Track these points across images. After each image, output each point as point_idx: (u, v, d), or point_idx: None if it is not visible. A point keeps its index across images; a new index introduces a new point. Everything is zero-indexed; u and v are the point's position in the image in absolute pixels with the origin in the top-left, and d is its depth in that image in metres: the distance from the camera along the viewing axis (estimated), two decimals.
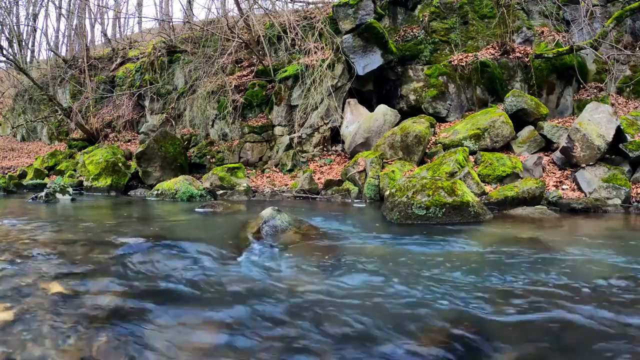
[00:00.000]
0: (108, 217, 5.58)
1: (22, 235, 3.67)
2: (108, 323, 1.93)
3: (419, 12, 9.76)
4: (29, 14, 18.46)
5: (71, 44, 17.53)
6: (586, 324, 1.94)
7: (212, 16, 15.36)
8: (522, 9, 9.33)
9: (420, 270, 2.74)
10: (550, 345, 1.78)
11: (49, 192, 6.81)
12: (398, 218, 4.54)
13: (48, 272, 2.59)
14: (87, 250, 3.13)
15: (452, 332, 1.86)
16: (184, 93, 11.35)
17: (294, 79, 9.22)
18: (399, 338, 1.82)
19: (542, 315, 2.04)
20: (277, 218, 3.85)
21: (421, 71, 9.09)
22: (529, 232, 4.05)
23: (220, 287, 2.44)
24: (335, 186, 7.35)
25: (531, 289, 2.40)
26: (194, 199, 7.09)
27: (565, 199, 5.77)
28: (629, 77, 8.58)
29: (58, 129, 14.62)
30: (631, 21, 8.78)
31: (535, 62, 8.35)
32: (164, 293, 2.33)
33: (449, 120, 8.74)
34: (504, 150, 7.29)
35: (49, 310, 2.03)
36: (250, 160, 9.53)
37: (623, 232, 4.38)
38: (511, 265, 2.86)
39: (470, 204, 4.58)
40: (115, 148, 10.23)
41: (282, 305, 2.17)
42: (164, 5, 19.22)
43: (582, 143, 6.29)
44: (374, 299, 2.26)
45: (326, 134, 9.04)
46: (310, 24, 9.95)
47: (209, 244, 3.37)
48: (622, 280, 2.55)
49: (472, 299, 2.24)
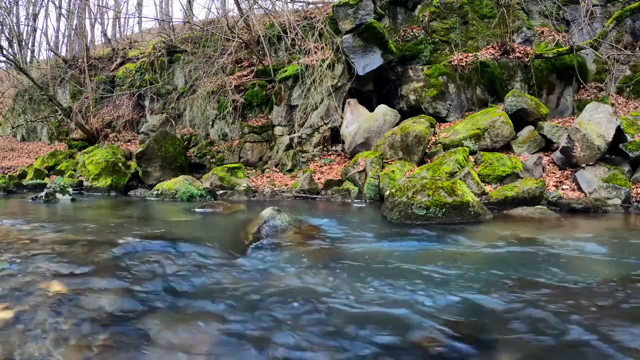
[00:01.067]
0: (108, 217, 5.58)
1: (22, 235, 3.67)
2: (108, 323, 1.93)
3: (419, 12, 9.76)
4: (29, 14, 18.47)
5: (71, 44, 17.53)
6: (582, 324, 1.94)
7: (212, 16, 15.37)
8: (522, 9, 9.32)
9: (420, 270, 2.74)
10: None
11: (49, 192, 6.81)
12: (398, 218, 4.54)
13: (48, 272, 2.60)
14: (87, 250, 3.14)
15: (452, 332, 1.87)
16: (184, 93, 11.34)
17: (294, 79, 9.22)
18: (399, 337, 1.82)
19: (542, 315, 2.04)
20: (277, 218, 3.85)
21: (421, 71, 9.08)
22: (529, 232, 4.05)
23: (220, 287, 2.45)
24: (335, 186, 7.35)
25: (530, 289, 2.40)
26: (194, 199, 7.09)
27: (565, 199, 5.77)
28: (629, 77, 8.58)
29: (58, 129, 14.62)
30: (631, 21, 8.77)
31: (535, 62, 8.35)
32: (163, 293, 2.33)
33: (449, 120, 8.74)
34: (504, 150, 7.29)
35: (49, 310, 2.03)
36: (250, 160, 9.53)
37: (623, 232, 4.38)
38: (511, 265, 2.86)
39: (470, 204, 4.59)
40: (115, 148, 10.23)
41: (282, 305, 2.17)
42: (164, 5, 19.24)
43: (582, 143, 6.29)
44: (373, 298, 2.26)
45: (326, 134, 9.03)
46: (310, 24, 9.95)
47: (209, 244, 3.37)
48: (622, 281, 2.56)
49: (472, 299, 2.24)
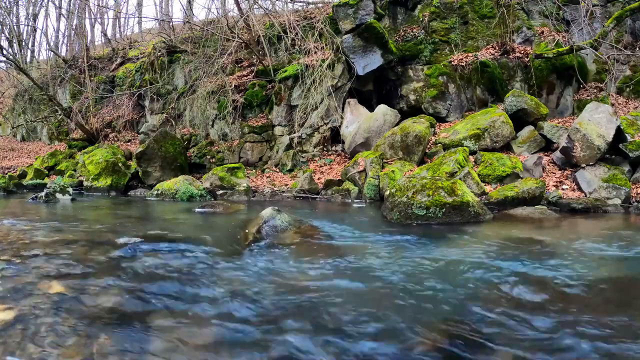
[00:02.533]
0: (108, 217, 5.58)
1: (22, 235, 3.67)
2: (108, 323, 1.93)
3: (419, 12, 9.76)
4: (29, 14, 18.47)
5: (71, 44, 17.53)
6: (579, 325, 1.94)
7: (212, 16, 15.36)
8: (522, 9, 9.32)
9: (420, 270, 2.74)
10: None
11: (49, 192, 6.81)
12: (398, 218, 4.54)
13: (48, 272, 2.60)
14: (87, 250, 3.14)
15: (451, 331, 1.87)
16: (184, 93, 11.34)
17: (294, 79, 9.22)
18: (399, 336, 1.82)
19: (541, 315, 2.04)
20: (277, 218, 3.85)
21: (421, 71, 9.08)
22: (528, 232, 4.06)
23: (220, 286, 2.45)
24: (335, 186, 7.35)
25: (530, 288, 2.40)
26: (194, 199, 7.09)
27: (565, 199, 5.77)
28: (629, 77, 8.58)
29: (58, 129, 14.62)
30: (631, 21, 8.77)
31: (535, 62, 8.35)
32: (163, 293, 2.33)
33: (449, 120, 8.74)
34: (504, 150, 7.28)
35: (49, 310, 2.03)
36: (250, 160, 9.53)
37: (623, 232, 4.38)
38: (510, 265, 2.86)
39: (470, 204, 4.59)
40: (115, 148, 10.23)
41: (283, 305, 2.17)
42: (164, 5, 19.22)
43: (582, 143, 6.29)
44: (373, 298, 2.26)
45: (326, 134, 9.03)
46: (310, 24, 9.95)
47: (209, 244, 3.37)
48: (622, 281, 2.56)
49: (472, 298, 2.24)
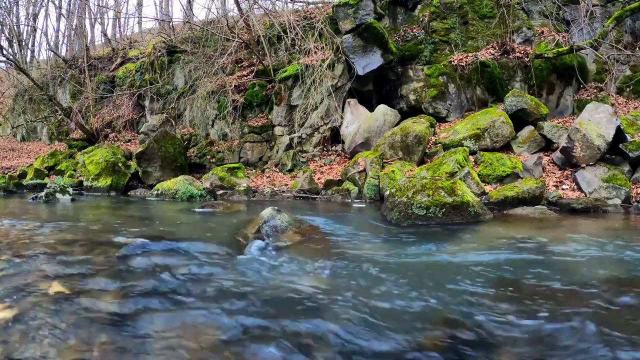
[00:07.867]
0: (108, 217, 5.58)
1: (22, 235, 3.67)
2: (108, 323, 1.93)
3: (419, 12, 9.76)
4: (29, 14, 18.47)
5: (71, 44, 17.52)
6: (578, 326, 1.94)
7: (212, 16, 15.34)
8: (522, 9, 9.32)
9: (420, 270, 2.74)
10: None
11: (49, 192, 6.81)
12: (398, 218, 4.54)
13: (48, 272, 2.60)
14: (87, 250, 3.14)
15: (451, 331, 1.87)
16: (184, 93, 11.34)
17: (294, 79, 9.22)
18: (398, 336, 1.82)
19: (541, 316, 2.04)
20: (277, 218, 3.85)
21: (421, 71, 9.08)
22: (528, 232, 4.05)
23: (221, 287, 2.44)
24: (335, 186, 7.35)
25: (529, 288, 2.40)
26: (194, 199, 7.09)
27: (565, 199, 5.77)
28: (629, 77, 8.58)
29: (58, 129, 14.61)
30: (631, 21, 8.77)
31: (535, 62, 8.35)
32: (163, 293, 2.33)
33: (449, 120, 8.74)
34: (504, 150, 7.28)
35: (49, 310, 2.03)
36: (250, 160, 9.53)
37: (623, 232, 4.38)
38: (510, 264, 2.86)
39: (470, 204, 4.58)
40: (115, 148, 10.23)
41: (282, 305, 2.17)
42: (164, 5, 19.22)
43: (582, 143, 6.29)
44: (373, 297, 2.26)
45: (326, 134, 9.03)
46: (310, 24, 9.94)
47: (209, 244, 3.37)
48: (622, 281, 2.56)
49: (471, 298, 2.24)
